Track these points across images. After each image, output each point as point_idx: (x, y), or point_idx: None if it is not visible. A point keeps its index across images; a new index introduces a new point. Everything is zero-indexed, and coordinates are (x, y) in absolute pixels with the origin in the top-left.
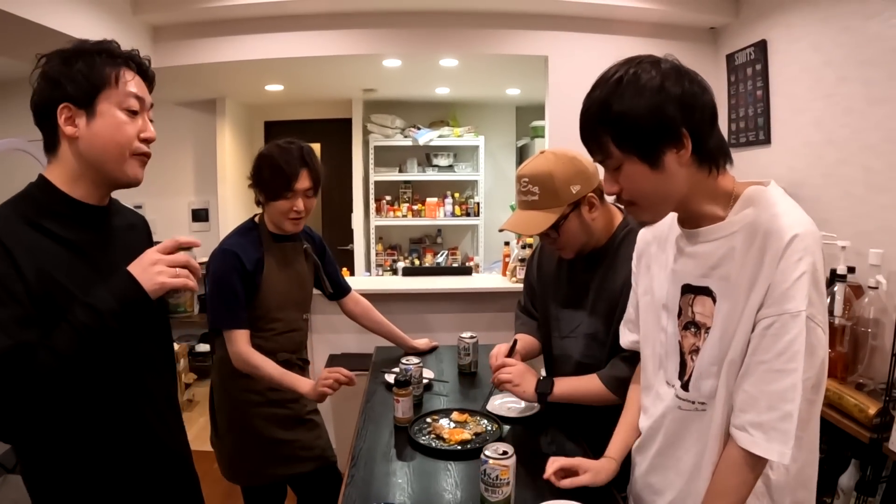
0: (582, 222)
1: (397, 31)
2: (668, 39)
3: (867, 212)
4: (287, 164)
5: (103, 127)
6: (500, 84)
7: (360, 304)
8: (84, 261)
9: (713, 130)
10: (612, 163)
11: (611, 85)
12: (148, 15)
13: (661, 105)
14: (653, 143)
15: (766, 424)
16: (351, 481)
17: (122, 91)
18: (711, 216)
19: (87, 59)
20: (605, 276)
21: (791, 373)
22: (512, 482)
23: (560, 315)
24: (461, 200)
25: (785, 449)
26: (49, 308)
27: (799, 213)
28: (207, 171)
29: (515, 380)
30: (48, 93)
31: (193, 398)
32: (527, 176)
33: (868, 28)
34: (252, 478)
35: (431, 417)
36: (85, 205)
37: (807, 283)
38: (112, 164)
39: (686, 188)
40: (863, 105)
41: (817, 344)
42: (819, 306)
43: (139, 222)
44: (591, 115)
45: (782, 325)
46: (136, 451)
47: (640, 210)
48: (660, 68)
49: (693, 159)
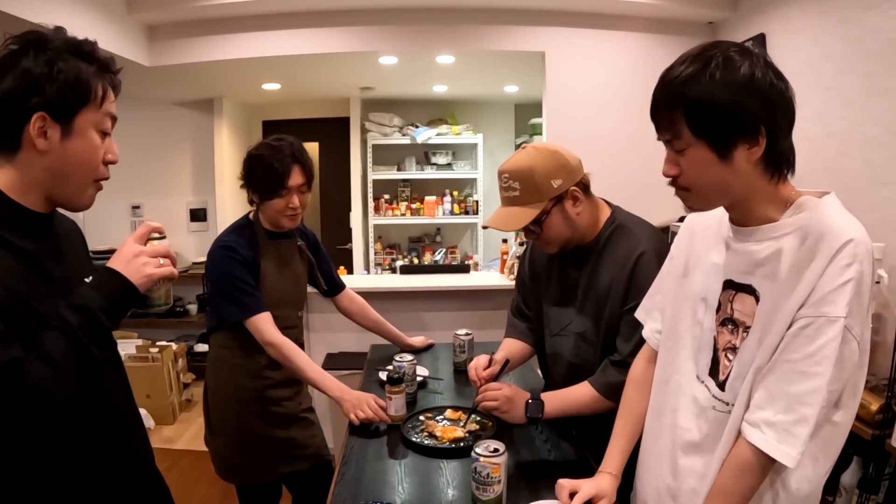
0: (565, 217)
1: (393, 28)
2: (666, 34)
3: (868, 206)
4: (279, 162)
5: (77, 148)
6: (497, 81)
7: (354, 302)
8: (37, 271)
9: (787, 138)
10: (678, 144)
11: (697, 65)
12: (143, 14)
13: (747, 97)
14: (728, 133)
15: (780, 425)
16: (341, 479)
17: (104, 111)
18: (765, 217)
19: (75, 65)
20: (592, 275)
21: (815, 377)
22: (503, 480)
23: (550, 312)
24: (460, 199)
25: (793, 453)
26: (16, 325)
27: (856, 222)
28: (205, 171)
29: (503, 407)
30: (24, 94)
31: (192, 398)
32: (507, 172)
33: (867, 20)
34: (247, 476)
35: (425, 415)
36: (33, 213)
37: (850, 291)
38: (72, 188)
39: (746, 187)
40: (862, 98)
41: (849, 356)
42: (858, 318)
43: (73, 228)
44: (670, 91)
45: (817, 327)
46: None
47: (692, 198)
48: (751, 58)
49: (761, 160)
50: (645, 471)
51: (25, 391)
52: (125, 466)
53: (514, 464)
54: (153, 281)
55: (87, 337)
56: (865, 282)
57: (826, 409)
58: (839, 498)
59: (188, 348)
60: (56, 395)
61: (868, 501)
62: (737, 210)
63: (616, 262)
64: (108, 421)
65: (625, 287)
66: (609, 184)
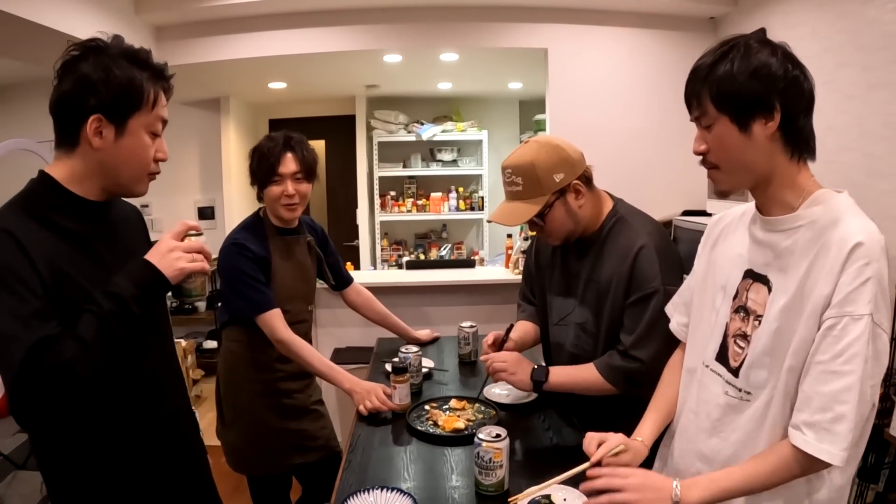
0: (568, 210)
1: (397, 27)
2: (667, 30)
3: (868, 198)
4: (270, 150)
5: (129, 147)
6: (501, 78)
7: (361, 295)
8: (89, 253)
9: (806, 117)
10: (705, 120)
11: (722, 51)
12: (150, 14)
13: (764, 75)
14: (747, 107)
15: (818, 425)
16: (349, 466)
17: (155, 115)
18: (784, 204)
19: (130, 71)
20: (593, 267)
21: (846, 375)
22: (505, 465)
23: (553, 302)
24: (465, 195)
25: (835, 450)
26: (61, 300)
27: (866, 221)
28: (213, 170)
29: (511, 368)
30: (82, 96)
31: (201, 394)
32: (510, 167)
33: (865, 13)
34: (257, 467)
35: (430, 405)
36: (87, 200)
37: (872, 289)
38: (126, 180)
39: (768, 163)
40: (862, 91)
41: (883, 350)
42: (885, 313)
43: (133, 213)
44: (698, 73)
45: (843, 327)
46: (151, 442)
47: (721, 175)
48: (771, 47)
49: (779, 135)
50: (667, 452)
51: (58, 366)
52: (162, 425)
53: (517, 450)
54: (185, 274)
55: (116, 322)
56: (884, 277)
57: (869, 405)
58: None
59: (197, 345)
60: (83, 372)
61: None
62: (759, 193)
63: (616, 256)
64: (150, 384)
65: (626, 281)
66: (612, 178)
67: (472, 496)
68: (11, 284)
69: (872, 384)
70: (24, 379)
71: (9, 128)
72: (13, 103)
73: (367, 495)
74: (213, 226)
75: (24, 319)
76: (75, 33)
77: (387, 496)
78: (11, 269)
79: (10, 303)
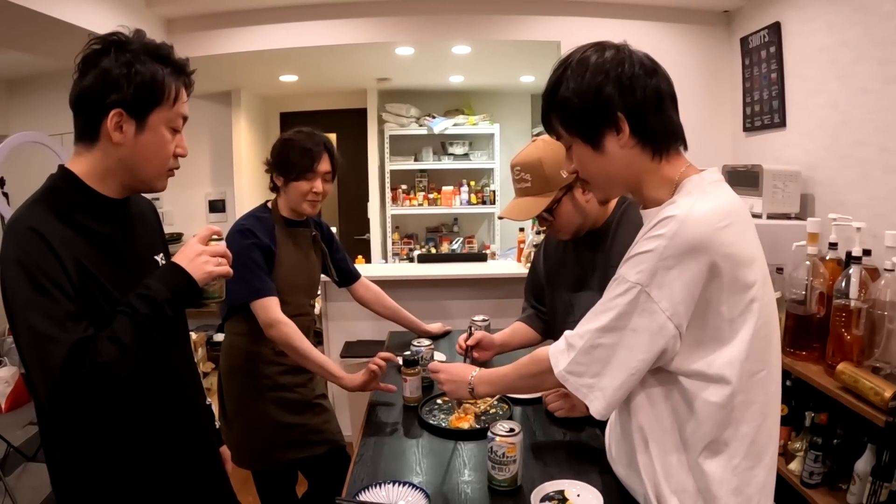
0: (576, 204)
1: (409, 19)
2: (681, 23)
3: (884, 193)
4: (314, 145)
5: (149, 142)
6: (514, 72)
7: (370, 290)
8: (111, 254)
9: (659, 114)
10: (563, 143)
11: (561, 69)
12: (161, 7)
13: (598, 88)
14: (592, 125)
15: (566, 339)
16: (360, 460)
17: (176, 111)
18: (657, 201)
19: (152, 66)
20: (609, 253)
21: (595, 320)
22: (519, 460)
23: (573, 299)
24: (477, 189)
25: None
26: (86, 301)
27: (694, 200)
28: (224, 163)
29: (565, 404)
30: (104, 91)
31: (211, 387)
32: (518, 164)
33: (881, 7)
34: (262, 462)
35: (442, 398)
36: (109, 199)
37: (650, 260)
38: (146, 176)
39: (630, 171)
40: (878, 85)
41: (655, 328)
42: (667, 291)
43: (148, 209)
44: (545, 98)
45: (616, 282)
46: (176, 436)
47: (593, 189)
48: (604, 52)
49: (635, 142)
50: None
51: (97, 368)
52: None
53: (530, 444)
54: (212, 277)
55: (151, 324)
56: (673, 255)
57: (622, 371)
58: (853, 485)
59: (207, 338)
60: (121, 373)
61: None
62: (636, 195)
63: (633, 234)
64: (176, 380)
65: None
66: None
67: (484, 491)
68: (43, 284)
69: (641, 358)
70: (65, 380)
71: (21, 120)
72: (25, 96)
73: (378, 489)
74: (224, 219)
75: (59, 321)
76: (87, 26)
77: (399, 490)
78: (42, 269)
79: (43, 303)
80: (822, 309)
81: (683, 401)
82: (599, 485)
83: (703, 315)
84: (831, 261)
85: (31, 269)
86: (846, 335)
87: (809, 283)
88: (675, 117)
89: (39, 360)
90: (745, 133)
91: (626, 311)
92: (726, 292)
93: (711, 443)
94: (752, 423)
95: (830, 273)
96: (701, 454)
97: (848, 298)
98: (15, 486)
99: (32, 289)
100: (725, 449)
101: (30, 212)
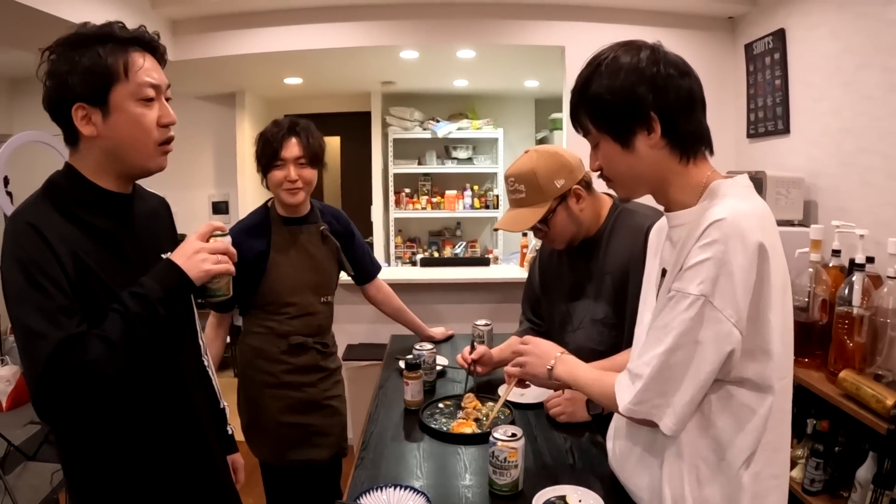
0: (570, 214)
1: (414, 23)
2: (685, 29)
3: (887, 200)
4: (274, 135)
5: (121, 122)
6: (518, 76)
7: (382, 291)
8: (114, 250)
9: (690, 117)
10: (591, 140)
11: (593, 66)
12: (167, 8)
13: (632, 87)
14: (624, 123)
15: (631, 372)
16: (361, 463)
17: (135, 81)
18: (684, 204)
19: (91, 51)
20: (603, 259)
21: (659, 343)
22: (521, 465)
23: (570, 309)
24: (480, 193)
25: (624, 398)
26: (84, 297)
27: (740, 201)
28: (227, 164)
29: (567, 409)
30: (58, 92)
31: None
32: (513, 175)
33: (886, 14)
34: (264, 455)
35: (443, 403)
36: (111, 193)
37: (709, 269)
38: (135, 158)
39: (658, 172)
40: (882, 92)
41: (723, 337)
42: (729, 297)
43: (161, 206)
44: (574, 94)
45: (675, 301)
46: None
47: (616, 187)
48: (639, 52)
49: (665, 143)
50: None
51: (84, 366)
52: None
53: (531, 450)
54: (210, 276)
55: (141, 323)
56: (732, 259)
57: (694, 384)
58: (854, 493)
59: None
60: (108, 372)
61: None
62: (659, 197)
63: (627, 238)
64: (179, 381)
65: (643, 256)
66: None
67: (485, 496)
68: (37, 279)
69: (709, 370)
70: (49, 377)
71: (25, 120)
72: (29, 96)
73: (379, 493)
74: (227, 220)
75: (50, 316)
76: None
77: (400, 494)
78: (37, 263)
79: (36, 298)
80: (824, 316)
81: (730, 410)
82: (601, 490)
83: (755, 321)
84: (834, 268)
85: (27, 263)
86: (848, 342)
87: (812, 291)
88: (703, 121)
89: (28, 356)
90: (748, 139)
91: (692, 326)
92: (773, 297)
93: (752, 453)
94: (776, 431)
95: (833, 280)
96: (742, 464)
97: (851, 306)
98: (15, 484)
99: (27, 283)
100: (754, 458)
101: (30, 207)
